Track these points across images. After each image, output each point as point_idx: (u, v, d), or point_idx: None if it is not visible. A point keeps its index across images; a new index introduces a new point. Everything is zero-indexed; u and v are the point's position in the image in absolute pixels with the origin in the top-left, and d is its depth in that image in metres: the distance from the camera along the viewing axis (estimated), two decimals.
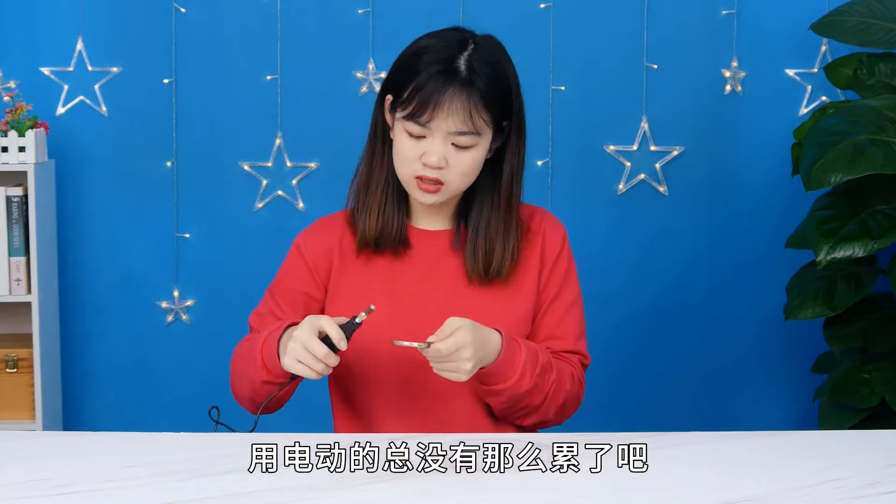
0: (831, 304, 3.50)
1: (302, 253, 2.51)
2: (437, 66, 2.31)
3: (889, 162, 3.20)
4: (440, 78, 2.30)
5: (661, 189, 3.98)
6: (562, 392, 2.44)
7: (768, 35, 3.96)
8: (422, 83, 2.30)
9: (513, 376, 2.34)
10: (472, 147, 2.35)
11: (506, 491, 1.96)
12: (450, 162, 2.34)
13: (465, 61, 2.33)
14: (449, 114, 2.30)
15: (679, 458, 2.15)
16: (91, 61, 3.89)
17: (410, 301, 2.45)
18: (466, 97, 2.30)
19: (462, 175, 2.37)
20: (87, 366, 4.03)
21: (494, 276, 2.44)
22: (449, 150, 2.34)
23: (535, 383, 2.36)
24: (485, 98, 2.32)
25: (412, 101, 2.31)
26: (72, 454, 2.15)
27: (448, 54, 2.33)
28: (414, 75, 2.33)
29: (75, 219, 3.96)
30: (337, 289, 2.49)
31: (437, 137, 2.32)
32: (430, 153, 2.33)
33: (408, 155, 2.35)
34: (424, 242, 2.48)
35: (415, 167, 2.35)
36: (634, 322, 4.06)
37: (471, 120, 2.31)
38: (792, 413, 4.11)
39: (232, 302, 3.99)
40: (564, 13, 3.93)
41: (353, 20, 3.91)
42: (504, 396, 2.37)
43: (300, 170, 3.94)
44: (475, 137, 2.34)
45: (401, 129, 2.36)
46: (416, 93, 2.31)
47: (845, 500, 1.92)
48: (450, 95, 2.30)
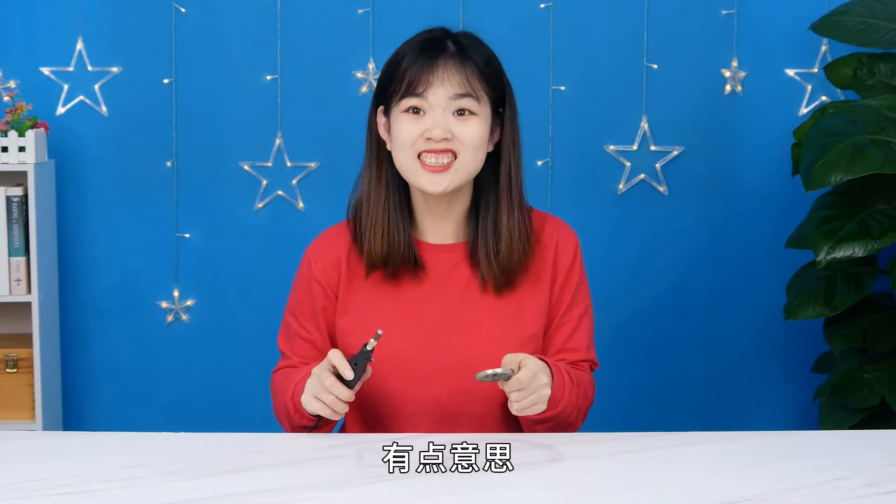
0: (831, 303, 3.50)
1: (312, 270, 2.49)
2: (421, 47, 2.34)
3: (889, 162, 3.20)
4: (427, 52, 2.33)
5: (661, 189, 3.98)
6: (587, 402, 2.46)
7: (768, 35, 3.96)
8: (410, 63, 2.32)
9: (563, 400, 2.33)
10: (473, 116, 2.34)
11: (506, 491, 1.96)
12: (455, 133, 2.32)
13: (451, 40, 2.36)
14: (445, 78, 2.31)
15: (679, 458, 2.15)
16: (91, 61, 3.89)
17: (422, 317, 2.43)
18: (461, 63, 2.33)
19: (469, 148, 2.34)
20: (87, 366, 4.03)
21: (506, 278, 2.43)
22: (451, 121, 2.32)
23: (576, 399, 2.37)
24: (479, 69, 2.34)
25: (403, 82, 2.32)
26: (72, 454, 2.15)
27: (431, 37, 2.37)
28: (398, 66, 2.35)
29: (75, 219, 3.96)
30: (347, 304, 2.47)
31: (436, 109, 2.32)
32: (432, 126, 2.31)
33: (409, 135, 2.33)
34: (434, 257, 2.46)
35: (417, 145, 2.33)
36: (634, 322, 4.06)
37: (468, 83, 2.32)
38: (792, 413, 4.11)
39: (232, 302, 3.99)
40: (564, 13, 3.93)
41: (352, 20, 3.91)
42: (553, 422, 2.35)
43: (300, 170, 3.94)
44: (474, 102, 2.33)
45: (398, 116, 2.35)
46: (405, 74, 2.32)
47: (845, 500, 1.92)
48: (442, 64, 2.32)
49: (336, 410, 2.24)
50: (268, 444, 2.23)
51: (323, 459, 2.13)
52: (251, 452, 2.16)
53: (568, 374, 2.36)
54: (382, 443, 2.05)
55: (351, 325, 2.44)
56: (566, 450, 2.20)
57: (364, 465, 2.10)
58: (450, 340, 2.39)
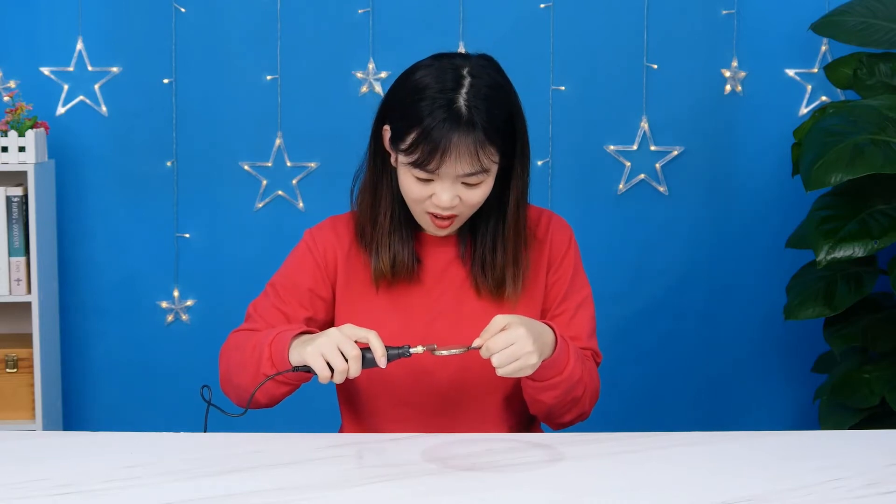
0: (831, 303, 3.50)
1: (311, 249, 2.48)
2: (439, 112, 2.26)
3: (889, 162, 3.20)
4: (444, 125, 2.25)
5: (661, 189, 3.98)
6: (593, 381, 2.43)
7: (768, 35, 3.96)
8: (426, 131, 2.25)
9: (568, 365, 2.31)
10: (481, 183, 2.33)
11: (506, 491, 1.96)
12: (461, 199, 2.32)
13: (464, 101, 2.26)
14: (456, 159, 2.26)
15: (679, 458, 2.15)
16: (91, 61, 3.89)
17: (419, 309, 2.44)
18: (473, 140, 2.26)
19: (473, 207, 2.36)
20: (87, 366, 4.03)
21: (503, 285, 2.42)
22: (459, 189, 2.31)
23: (581, 372, 2.36)
24: (489, 135, 2.27)
25: (417, 150, 2.26)
26: (71, 454, 2.15)
27: (447, 97, 2.27)
28: (415, 121, 2.27)
29: (75, 219, 3.96)
30: (343, 295, 2.46)
31: (445, 181, 2.29)
32: (440, 197, 2.30)
33: (417, 196, 2.33)
34: (432, 250, 2.46)
35: (426, 206, 2.34)
36: (634, 322, 4.07)
37: (478, 161, 2.27)
38: (792, 413, 4.12)
39: (232, 302, 3.99)
40: (564, 13, 3.93)
41: (352, 20, 3.91)
42: (561, 388, 2.33)
43: (300, 170, 3.95)
44: (483, 175, 2.31)
45: (406, 171, 2.32)
46: (420, 140, 2.26)
47: (845, 500, 1.92)
48: (455, 142, 2.25)
49: (335, 377, 2.17)
50: (268, 444, 2.23)
51: (323, 459, 2.13)
52: (251, 452, 2.16)
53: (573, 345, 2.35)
54: (382, 442, 2.05)
55: (347, 319, 2.43)
56: (566, 450, 2.20)
57: (364, 465, 2.10)
58: (449, 332, 2.39)
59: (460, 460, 2.12)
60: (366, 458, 2.15)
